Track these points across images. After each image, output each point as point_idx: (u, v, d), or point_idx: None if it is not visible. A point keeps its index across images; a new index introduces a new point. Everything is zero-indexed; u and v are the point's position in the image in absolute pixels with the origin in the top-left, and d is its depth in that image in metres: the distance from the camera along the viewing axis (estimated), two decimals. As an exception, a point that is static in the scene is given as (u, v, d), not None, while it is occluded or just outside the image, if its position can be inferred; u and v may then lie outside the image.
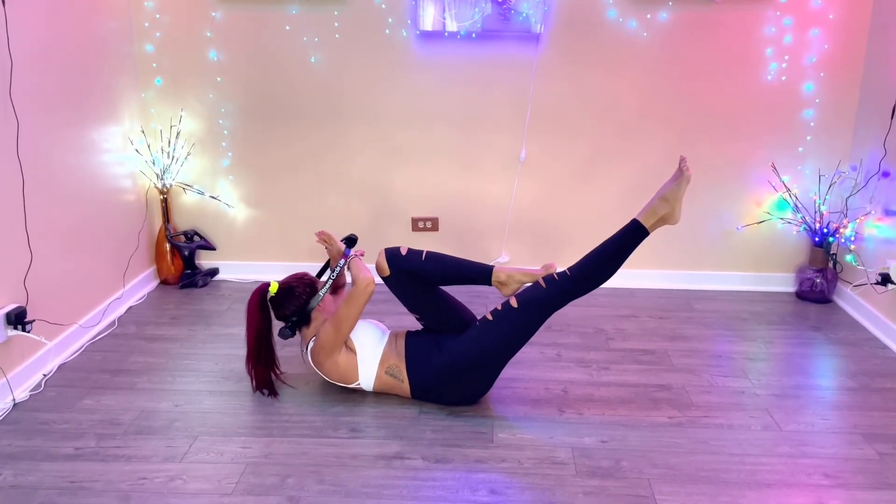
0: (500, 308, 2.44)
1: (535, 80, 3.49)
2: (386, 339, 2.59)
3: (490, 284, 2.58)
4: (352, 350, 2.50)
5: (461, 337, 2.46)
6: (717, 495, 2.05)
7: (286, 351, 2.89)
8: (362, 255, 2.62)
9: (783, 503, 2.02)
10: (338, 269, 2.56)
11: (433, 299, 2.59)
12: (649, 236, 2.42)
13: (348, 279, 3.40)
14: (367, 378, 2.51)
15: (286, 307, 2.52)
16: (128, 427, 2.40)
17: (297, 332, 2.60)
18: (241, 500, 2.03)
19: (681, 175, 2.37)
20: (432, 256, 2.55)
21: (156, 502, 2.02)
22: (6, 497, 2.03)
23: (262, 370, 2.57)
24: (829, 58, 3.38)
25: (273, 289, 2.53)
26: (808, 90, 3.43)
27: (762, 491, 2.07)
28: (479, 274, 2.58)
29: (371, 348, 2.52)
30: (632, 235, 2.39)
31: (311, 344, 2.53)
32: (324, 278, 2.67)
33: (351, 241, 2.69)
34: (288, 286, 2.54)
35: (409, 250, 2.53)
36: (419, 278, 2.53)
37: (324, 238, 2.72)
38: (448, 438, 2.33)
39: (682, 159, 2.38)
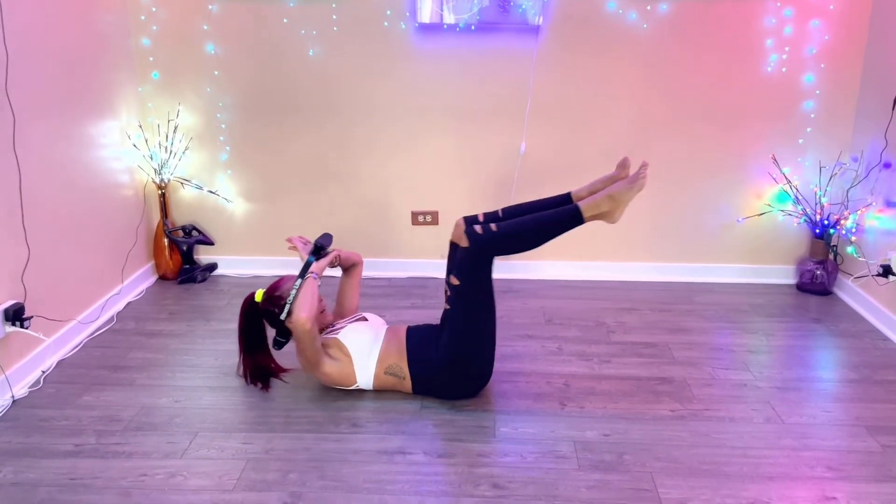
0: (448, 292, 2.42)
1: (534, 72, 3.47)
2: (381, 339, 2.56)
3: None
4: (346, 355, 2.47)
5: (445, 329, 2.46)
6: (720, 488, 2.05)
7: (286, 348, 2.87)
8: (316, 276, 2.46)
9: (786, 496, 2.01)
10: (292, 294, 2.41)
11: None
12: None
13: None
14: (365, 380, 2.50)
15: (271, 323, 2.51)
16: (128, 423, 2.38)
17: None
18: (242, 497, 2.02)
19: (636, 181, 2.33)
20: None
21: (157, 499, 2.01)
22: (7, 495, 2.02)
23: (255, 363, 2.57)
24: (830, 49, 3.36)
25: (258, 297, 2.52)
26: (809, 81, 3.41)
27: (765, 484, 2.07)
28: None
29: (366, 352, 2.49)
30: (568, 220, 2.34)
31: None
32: (290, 294, 2.45)
33: (318, 249, 2.57)
34: (265, 308, 2.50)
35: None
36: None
37: (292, 246, 2.65)
38: (450, 433, 2.32)
39: (643, 165, 2.34)
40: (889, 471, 2.13)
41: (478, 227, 2.36)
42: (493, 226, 2.35)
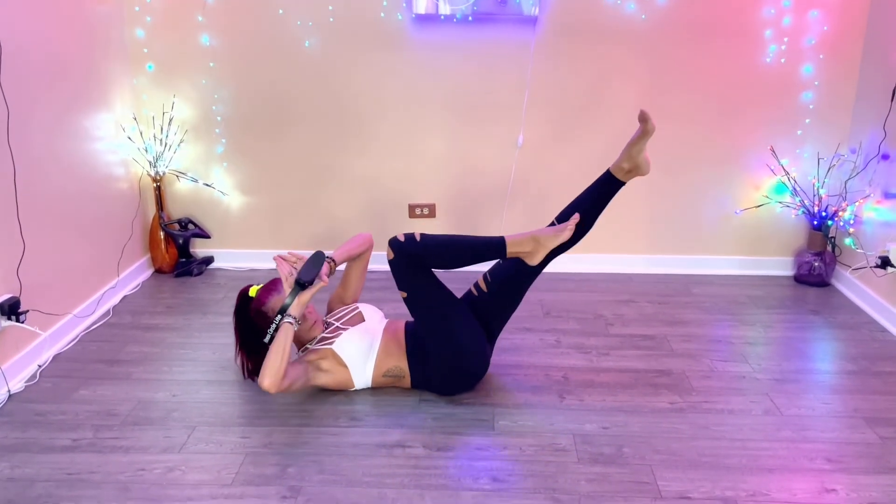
0: (407, 307, 2.41)
1: (532, 63, 3.45)
2: (378, 342, 2.50)
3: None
4: (342, 365, 2.44)
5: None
6: (719, 480, 2.05)
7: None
8: (294, 319, 2.30)
9: (785, 488, 2.01)
10: (270, 331, 2.31)
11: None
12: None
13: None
14: (362, 384, 2.49)
15: (263, 324, 2.44)
16: (125, 418, 2.37)
17: None
18: (241, 491, 2.01)
19: (561, 231, 2.33)
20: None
21: (155, 493, 2.00)
22: (3, 489, 2.01)
23: (254, 367, 2.54)
24: (829, 39, 3.35)
25: (252, 292, 2.47)
26: (808, 72, 3.40)
27: (764, 476, 2.07)
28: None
29: (362, 360, 2.45)
30: (490, 249, 2.33)
31: (300, 352, 2.52)
32: (271, 327, 2.34)
33: (300, 285, 2.31)
34: (252, 316, 2.46)
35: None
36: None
37: (283, 273, 2.40)
38: (449, 426, 2.32)
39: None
40: (888, 462, 2.13)
41: (400, 235, 2.32)
42: (416, 235, 2.32)
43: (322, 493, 1.99)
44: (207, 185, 3.70)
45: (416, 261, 2.32)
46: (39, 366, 2.70)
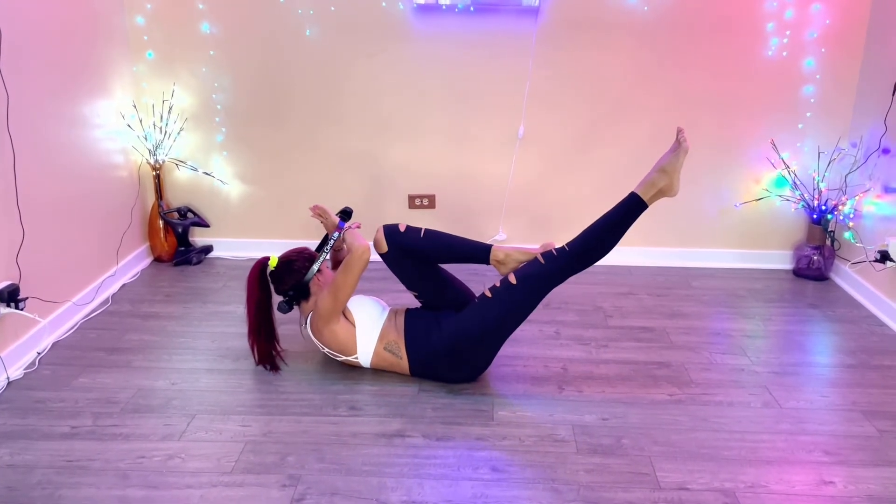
0: (498, 285, 2.43)
1: (533, 54, 3.44)
2: (385, 315, 2.57)
3: (488, 263, 2.55)
4: (351, 323, 2.48)
5: (460, 314, 2.44)
6: (718, 472, 2.05)
7: (284, 328, 2.86)
8: (358, 227, 2.59)
9: (784, 480, 2.02)
10: (332, 241, 2.54)
11: (431, 277, 2.57)
12: (648, 209, 2.40)
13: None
14: (365, 352, 2.49)
15: (285, 281, 2.52)
16: (125, 405, 2.37)
17: (297, 307, 2.58)
18: (240, 479, 2.01)
19: (678, 146, 2.37)
20: (430, 234, 2.52)
21: (155, 481, 2.00)
22: (3, 476, 2.01)
23: (264, 344, 2.56)
24: (831, 33, 3.34)
25: (273, 262, 2.51)
26: (809, 66, 3.39)
27: (763, 468, 2.08)
28: (477, 252, 2.55)
29: (370, 322, 2.50)
30: (631, 209, 2.37)
31: (309, 317, 2.53)
32: (325, 250, 2.60)
33: (346, 213, 2.64)
34: (287, 260, 2.53)
35: (408, 227, 2.51)
36: (417, 256, 2.52)
37: (318, 212, 2.69)
38: (448, 416, 2.32)
39: (680, 130, 2.37)
40: (886, 455, 2.14)
41: (554, 250, 2.44)
42: (565, 246, 2.42)
43: (322, 482, 2.00)
44: (207, 173, 3.69)
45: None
46: (39, 353, 2.69)
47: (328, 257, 2.58)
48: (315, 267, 2.50)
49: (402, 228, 2.50)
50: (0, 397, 2.42)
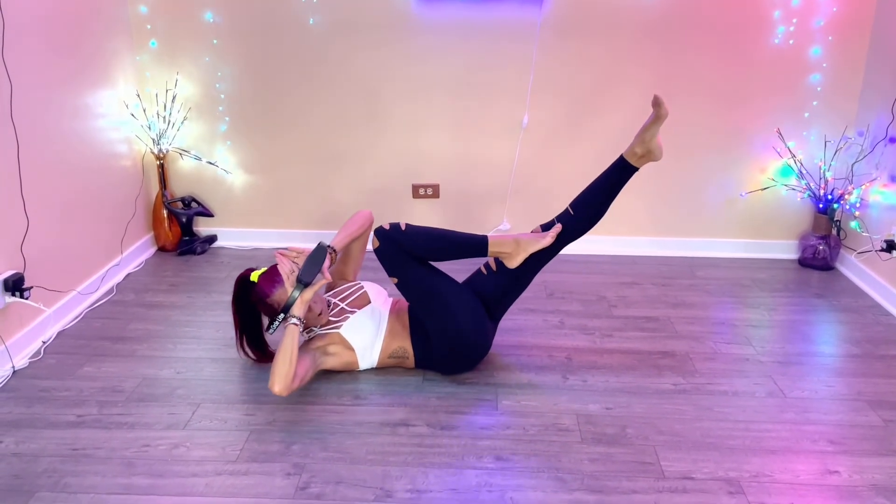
0: (400, 292, 2.43)
1: (538, 43, 3.42)
2: (385, 326, 2.49)
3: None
4: (349, 349, 2.44)
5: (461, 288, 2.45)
6: (723, 461, 2.05)
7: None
8: (299, 320, 2.27)
9: (788, 469, 2.02)
10: (272, 330, 2.38)
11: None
12: (637, 173, 2.43)
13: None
14: (368, 366, 2.50)
15: (266, 312, 2.42)
16: (130, 394, 2.38)
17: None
18: (245, 468, 2.02)
19: (541, 238, 2.39)
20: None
21: (160, 469, 2.01)
22: (9, 465, 2.02)
23: (254, 350, 2.54)
24: (838, 21, 3.31)
25: (254, 277, 2.41)
26: (816, 54, 3.37)
27: (767, 457, 2.07)
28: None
29: (369, 344, 2.45)
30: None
31: (306, 335, 2.50)
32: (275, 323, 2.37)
33: (301, 284, 2.27)
34: (255, 301, 2.41)
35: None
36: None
37: (284, 271, 2.37)
38: (452, 405, 2.32)
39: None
40: (891, 445, 2.13)
41: (386, 224, 2.37)
42: (402, 224, 2.36)
43: (326, 471, 2.00)
44: (211, 163, 3.69)
45: (401, 249, 2.35)
46: (44, 342, 2.70)
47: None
48: (273, 328, 2.38)
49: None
50: (5, 386, 2.43)
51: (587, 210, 2.43)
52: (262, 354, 2.56)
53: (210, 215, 3.74)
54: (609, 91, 3.49)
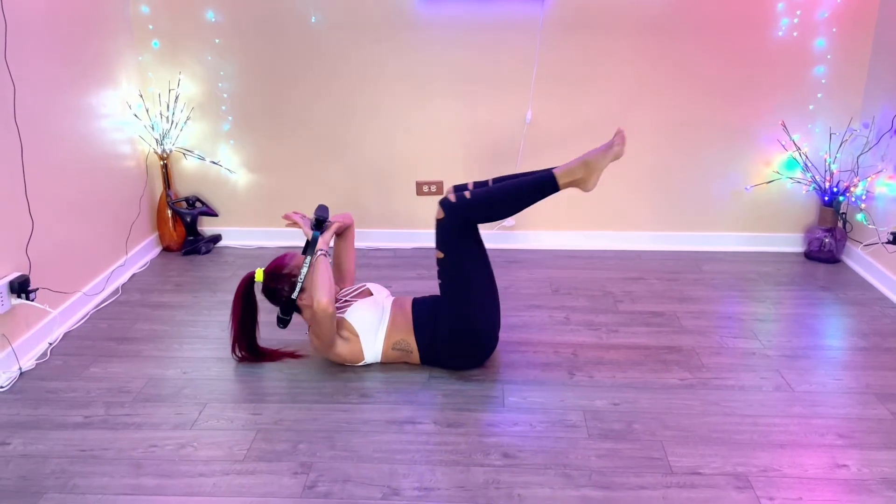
0: (437, 267, 2.42)
1: (541, 38, 3.41)
2: (387, 316, 2.51)
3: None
4: (354, 335, 2.45)
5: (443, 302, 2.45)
6: (730, 456, 2.05)
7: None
8: (325, 251, 2.43)
9: (796, 463, 2.01)
10: (303, 272, 2.42)
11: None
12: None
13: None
14: (372, 356, 2.50)
15: (275, 301, 2.50)
16: (136, 395, 2.38)
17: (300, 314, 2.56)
18: (253, 467, 2.02)
19: (610, 148, 2.33)
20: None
21: (167, 469, 2.01)
22: (17, 466, 2.02)
23: (247, 355, 2.56)
24: (842, 13, 3.29)
25: (258, 276, 2.48)
26: (820, 46, 3.35)
27: (775, 451, 2.07)
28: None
29: (373, 330, 2.47)
30: (541, 186, 2.34)
31: (309, 332, 2.51)
32: (302, 272, 2.44)
33: (319, 222, 2.50)
34: (271, 283, 2.48)
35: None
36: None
37: (292, 223, 2.57)
38: (459, 403, 2.32)
39: (618, 132, 2.33)
40: (899, 438, 2.13)
41: (451, 196, 2.36)
42: (466, 193, 2.36)
43: (333, 469, 2.00)
44: (214, 162, 3.69)
45: (467, 223, 2.35)
46: (50, 343, 2.71)
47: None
48: (298, 287, 2.44)
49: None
50: (12, 388, 2.43)
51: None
52: (255, 355, 2.57)
53: (214, 215, 3.74)
54: (612, 86, 3.48)
